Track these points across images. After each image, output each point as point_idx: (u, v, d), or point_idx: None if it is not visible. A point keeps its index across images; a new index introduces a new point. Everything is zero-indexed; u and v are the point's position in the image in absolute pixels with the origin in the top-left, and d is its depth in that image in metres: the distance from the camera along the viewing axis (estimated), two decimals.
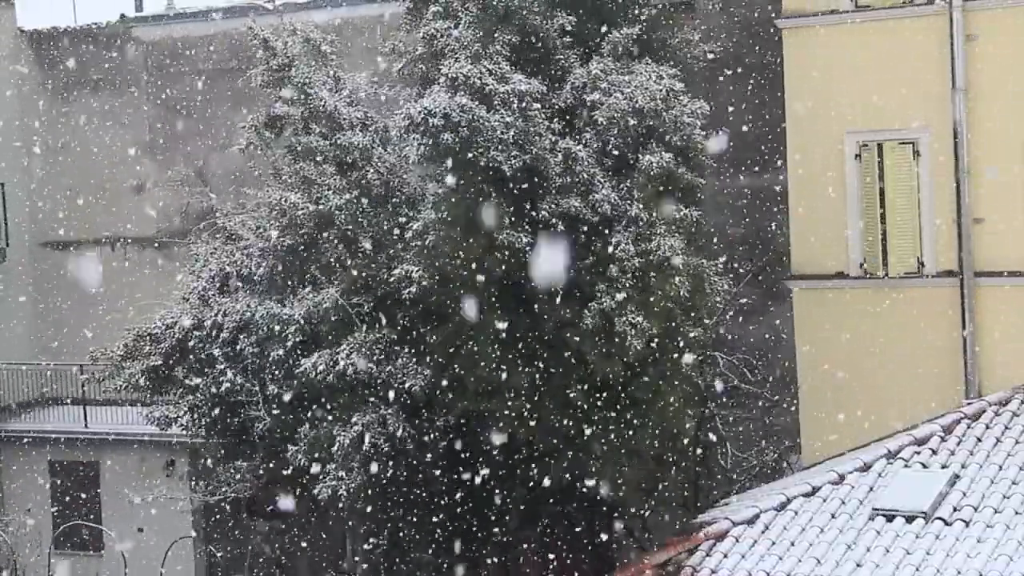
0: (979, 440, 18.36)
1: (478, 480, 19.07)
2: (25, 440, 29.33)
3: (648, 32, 19.80)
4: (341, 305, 18.55)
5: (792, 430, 21.92)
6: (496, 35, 18.42)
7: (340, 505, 18.88)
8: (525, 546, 19.89)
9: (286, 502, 20.40)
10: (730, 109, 22.81)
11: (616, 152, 18.33)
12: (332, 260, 19.16)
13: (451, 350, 18.02)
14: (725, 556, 17.20)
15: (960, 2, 19.55)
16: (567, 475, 18.68)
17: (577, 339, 17.81)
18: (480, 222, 17.55)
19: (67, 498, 28.97)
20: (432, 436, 18.67)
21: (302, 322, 18.70)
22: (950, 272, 19.98)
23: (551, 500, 19.30)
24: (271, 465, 20.00)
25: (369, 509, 19.15)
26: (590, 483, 18.75)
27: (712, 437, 22.06)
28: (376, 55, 22.50)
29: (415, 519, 19.33)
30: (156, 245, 29.80)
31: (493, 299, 17.97)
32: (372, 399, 18.40)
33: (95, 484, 28.76)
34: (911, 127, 20.21)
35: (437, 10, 18.82)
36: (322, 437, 18.59)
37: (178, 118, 29.76)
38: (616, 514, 20.20)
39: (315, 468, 18.60)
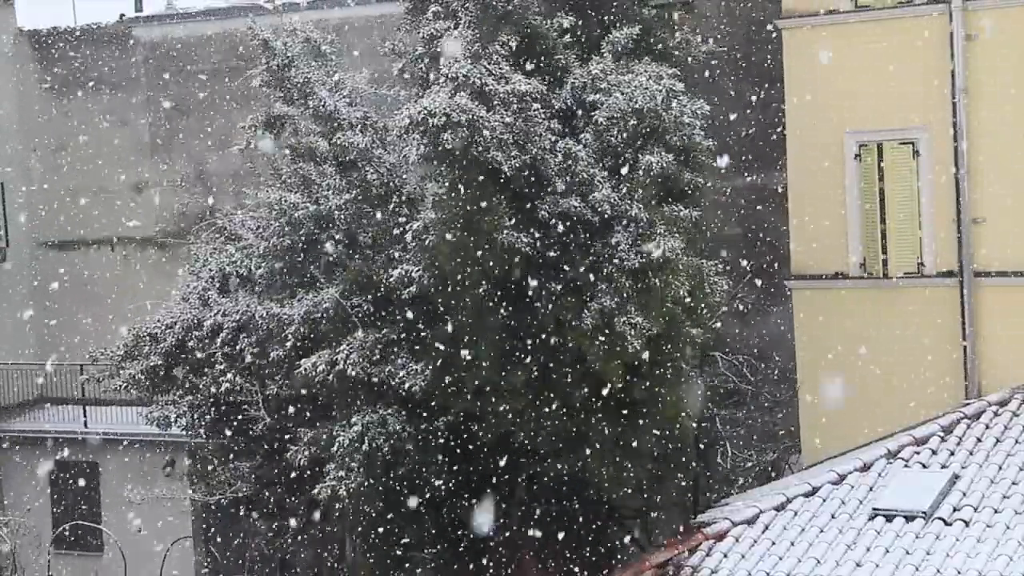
0: (979, 440, 18.37)
1: (477, 480, 19.07)
2: (25, 440, 29.34)
3: (648, 32, 19.80)
4: (341, 305, 18.55)
5: (792, 430, 21.93)
6: (496, 35, 18.41)
7: (340, 505, 18.87)
8: (525, 546, 19.88)
9: (286, 502, 20.39)
10: (732, 113, 22.82)
11: (616, 152, 18.33)
12: (332, 260, 19.16)
13: (451, 350, 18.01)
14: (725, 556, 17.21)
15: (960, 2, 19.56)
16: (567, 475, 18.67)
17: (577, 339, 17.81)
18: (480, 222, 17.54)
19: (67, 498, 28.99)
20: (432, 436, 18.66)
21: (302, 322, 18.69)
22: (950, 272, 19.99)
23: (551, 500, 19.29)
24: (271, 465, 20.00)
25: (369, 509, 19.15)
26: (590, 483, 18.75)
27: (712, 437, 22.06)
28: (376, 55, 22.49)
29: (415, 519, 19.32)
30: (156, 245, 29.80)
31: (492, 299, 17.96)
32: (372, 399, 18.39)
33: (95, 484, 28.77)
34: (911, 127, 20.22)
35: (437, 10, 18.83)
36: (322, 437, 18.59)
37: (178, 118, 29.76)
38: (616, 514, 20.19)
39: (315, 468, 18.60)
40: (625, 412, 18.46)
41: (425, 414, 18.60)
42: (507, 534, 19.69)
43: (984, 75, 19.63)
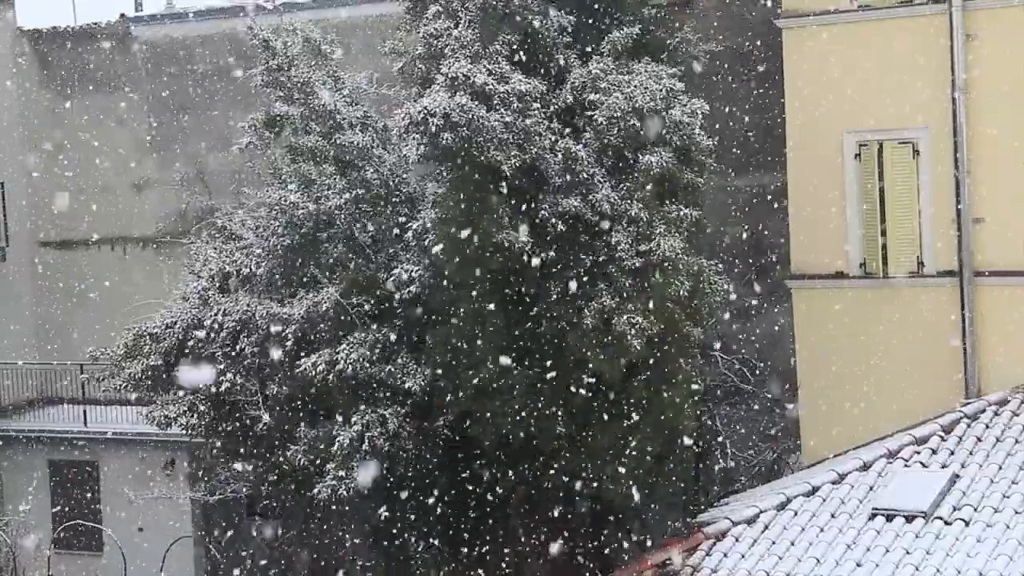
0: (979, 440, 18.37)
1: (478, 480, 19.07)
2: (25, 440, 29.33)
3: (647, 32, 19.80)
4: (341, 305, 18.54)
5: (792, 430, 21.93)
6: (496, 35, 18.41)
7: (340, 505, 18.87)
8: (525, 546, 19.88)
9: (286, 502, 20.40)
10: (732, 113, 22.81)
11: (616, 152, 18.33)
12: (332, 260, 19.15)
13: (451, 350, 18.01)
14: (725, 556, 17.21)
15: (960, 2, 19.55)
16: (567, 475, 18.68)
17: (577, 339, 17.81)
18: (480, 222, 17.54)
19: (67, 498, 28.98)
20: (432, 436, 18.66)
21: (302, 322, 18.69)
22: (950, 272, 19.98)
23: (551, 500, 19.30)
24: (271, 465, 20.00)
25: (369, 509, 19.15)
26: (590, 483, 18.75)
27: (712, 437, 22.06)
28: (376, 55, 22.49)
29: (415, 519, 19.33)
30: (156, 245, 29.79)
31: (492, 299, 17.96)
32: (372, 399, 18.40)
33: (95, 484, 28.76)
34: (911, 127, 20.22)
35: (437, 10, 18.82)
36: (322, 437, 18.59)
37: (178, 118, 29.75)
38: (616, 514, 20.19)
39: (315, 468, 18.61)
40: (625, 412, 18.46)
41: (425, 414, 18.60)
42: (507, 534, 19.69)
43: (984, 75, 19.62)
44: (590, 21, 19.69)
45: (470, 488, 19.18)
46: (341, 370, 18.16)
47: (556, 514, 19.44)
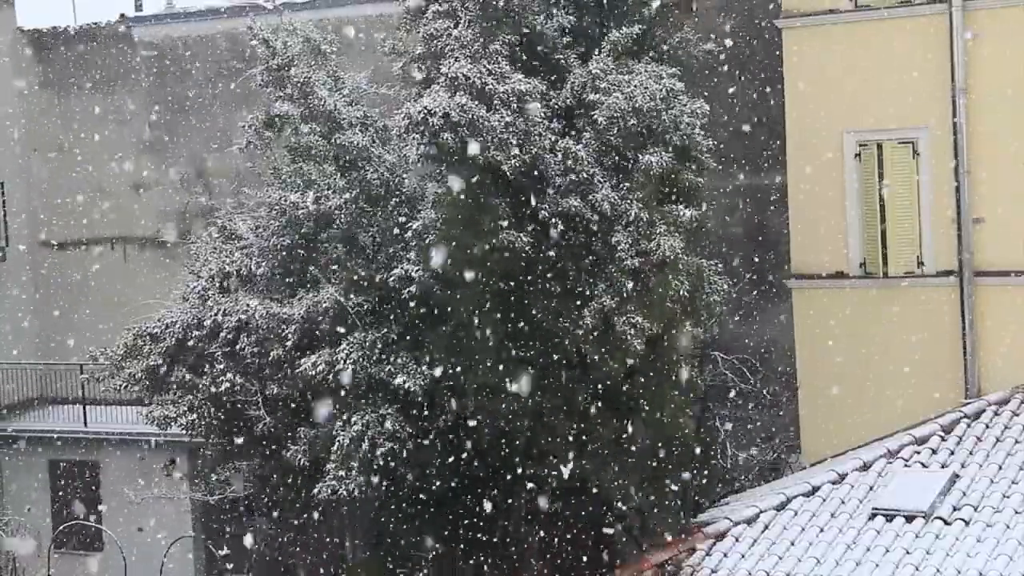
0: (979, 440, 18.38)
1: (477, 480, 19.06)
2: (25, 440, 29.33)
3: (648, 32, 19.80)
4: (341, 305, 18.53)
5: (792, 430, 21.93)
6: (496, 35, 18.40)
7: (340, 505, 18.85)
8: (525, 546, 19.88)
9: (286, 502, 20.39)
10: (732, 113, 22.81)
11: (616, 152, 18.32)
12: (332, 260, 19.15)
13: (451, 350, 18.01)
14: (725, 556, 17.23)
15: (960, 2, 19.56)
16: (567, 475, 18.66)
17: (577, 339, 17.81)
18: (480, 222, 17.54)
19: (67, 498, 28.99)
20: (432, 436, 18.65)
21: (302, 322, 18.68)
22: (950, 272, 19.99)
23: (551, 500, 19.29)
24: (271, 465, 19.99)
25: (369, 509, 19.14)
26: (590, 482, 18.74)
27: (712, 437, 22.05)
28: (376, 55, 22.49)
29: (415, 519, 19.32)
30: (156, 245, 29.79)
31: (493, 299, 17.95)
32: (372, 399, 18.39)
33: (95, 484, 28.78)
34: (911, 127, 20.23)
35: (437, 9, 18.81)
36: (322, 437, 18.59)
37: (178, 118, 29.76)
38: (616, 514, 20.19)
39: (315, 468, 18.59)
40: (625, 412, 18.45)
41: (425, 414, 18.59)
42: (507, 534, 19.69)
43: (984, 75, 19.63)
44: (590, 21, 19.70)
45: (470, 488, 19.17)
46: (341, 370, 18.15)
47: (556, 514, 19.44)
